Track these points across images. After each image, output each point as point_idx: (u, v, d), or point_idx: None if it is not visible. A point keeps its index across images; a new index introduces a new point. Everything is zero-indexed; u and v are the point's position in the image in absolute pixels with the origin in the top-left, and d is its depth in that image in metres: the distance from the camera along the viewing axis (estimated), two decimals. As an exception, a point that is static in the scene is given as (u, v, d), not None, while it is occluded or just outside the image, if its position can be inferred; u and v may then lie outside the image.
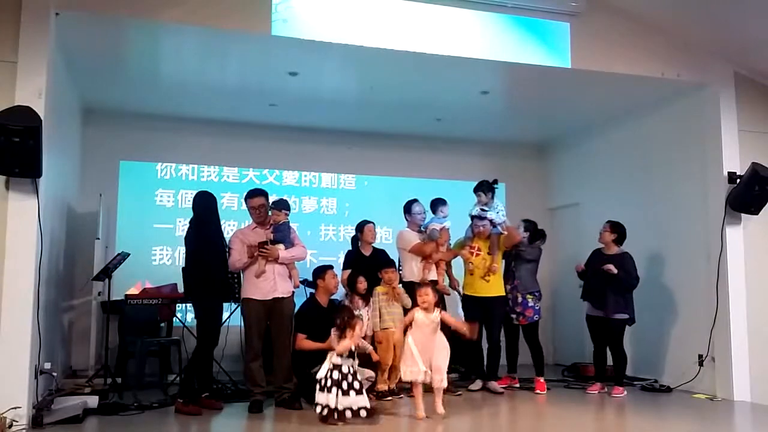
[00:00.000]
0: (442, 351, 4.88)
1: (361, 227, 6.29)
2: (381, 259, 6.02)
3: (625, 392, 6.10)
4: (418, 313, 4.94)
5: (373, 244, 6.28)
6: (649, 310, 6.98)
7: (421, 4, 5.60)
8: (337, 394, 4.52)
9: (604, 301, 6.13)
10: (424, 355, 4.82)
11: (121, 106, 7.22)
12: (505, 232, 6.20)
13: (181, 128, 7.61)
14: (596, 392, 6.19)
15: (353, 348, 4.73)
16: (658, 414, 5.46)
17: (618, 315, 6.13)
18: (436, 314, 4.93)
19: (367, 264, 6.01)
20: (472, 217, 6.20)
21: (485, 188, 6.18)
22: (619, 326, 6.16)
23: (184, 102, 7.13)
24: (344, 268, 6.16)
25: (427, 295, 4.93)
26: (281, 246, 5.35)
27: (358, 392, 4.57)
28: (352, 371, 4.63)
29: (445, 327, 5.18)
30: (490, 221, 6.14)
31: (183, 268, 5.52)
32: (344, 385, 4.55)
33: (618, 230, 6.30)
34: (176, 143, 7.64)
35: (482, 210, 6.16)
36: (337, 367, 4.61)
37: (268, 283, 5.28)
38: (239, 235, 5.43)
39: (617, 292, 6.12)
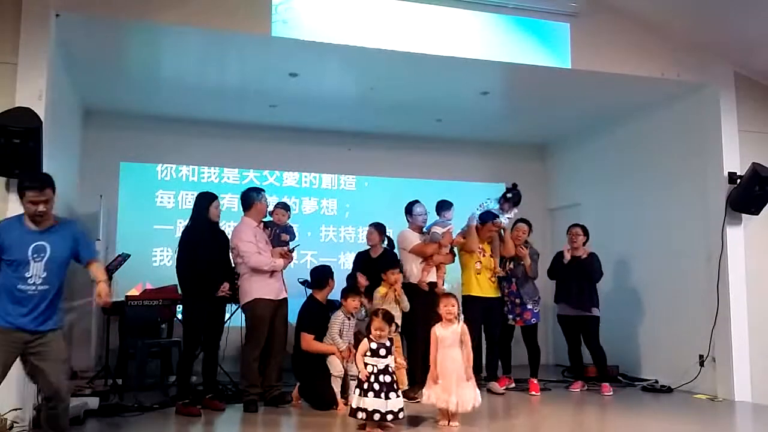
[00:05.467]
0: (461, 370, 4.59)
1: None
2: (386, 261, 6.00)
3: (611, 390, 6.18)
4: (438, 330, 4.68)
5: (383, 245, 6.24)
6: (649, 310, 6.99)
7: (422, 5, 5.60)
8: (359, 395, 4.36)
9: (581, 298, 6.24)
10: (450, 374, 4.57)
11: (121, 107, 7.22)
12: (504, 238, 6.31)
13: (181, 129, 7.61)
14: (578, 390, 6.31)
15: (382, 344, 4.43)
16: (659, 414, 5.45)
17: (594, 312, 6.28)
18: (457, 326, 4.69)
19: (373, 265, 5.98)
20: (487, 220, 6.22)
21: (518, 202, 6.39)
22: (595, 322, 6.30)
23: (184, 103, 7.13)
24: (353, 269, 6.20)
25: (453, 306, 4.69)
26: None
27: (377, 395, 4.31)
28: (375, 371, 4.37)
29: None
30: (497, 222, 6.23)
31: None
32: (365, 386, 4.36)
33: (587, 232, 6.50)
34: (176, 144, 7.64)
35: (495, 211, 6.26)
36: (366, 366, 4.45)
37: (279, 284, 5.39)
38: (254, 232, 5.39)
39: (591, 289, 6.29)
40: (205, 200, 5.32)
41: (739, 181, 6.11)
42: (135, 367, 6.20)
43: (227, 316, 6.11)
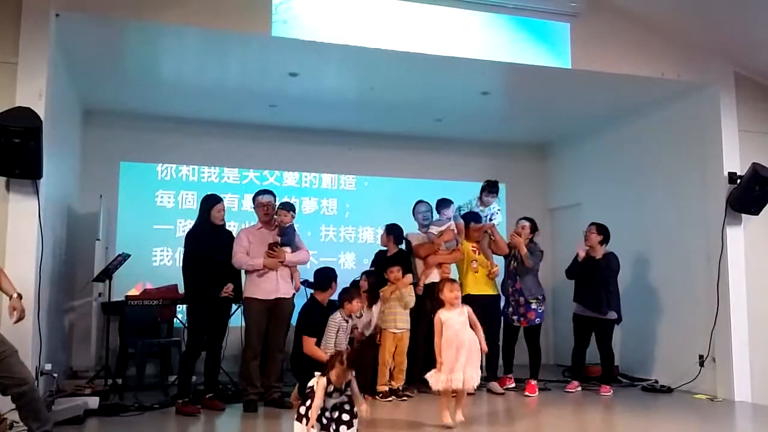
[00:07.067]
0: (472, 350, 4.56)
1: None
2: (392, 260, 5.98)
3: (612, 391, 6.17)
4: (443, 314, 4.64)
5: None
6: (649, 310, 6.99)
7: (421, 5, 5.60)
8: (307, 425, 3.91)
9: (595, 300, 6.19)
10: (459, 352, 4.50)
11: (121, 107, 7.22)
12: (494, 237, 6.33)
13: (181, 129, 7.61)
14: (574, 390, 6.29)
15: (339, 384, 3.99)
16: (658, 414, 5.46)
17: (610, 315, 6.23)
18: (463, 310, 4.66)
19: (387, 265, 5.95)
20: (468, 220, 6.24)
21: (496, 190, 6.31)
22: (610, 326, 6.26)
23: (184, 103, 7.13)
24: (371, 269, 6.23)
25: (456, 290, 4.70)
26: (287, 249, 5.44)
27: (324, 428, 3.89)
28: (329, 406, 3.97)
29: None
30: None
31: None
32: (323, 421, 3.93)
33: (604, 231, 6.36)
34: (177, 144, 7.64)
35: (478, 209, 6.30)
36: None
37: (271, 284, 5.34)
38: (247, 234, 5.44)
39: (607, 291, 6.22)
40: (207, 203, 5.37)
41: (739, 181, 6.11)
42: (135, 366, 6.20)
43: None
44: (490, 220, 6.39)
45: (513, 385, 6.29)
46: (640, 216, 7.16)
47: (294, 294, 5.53)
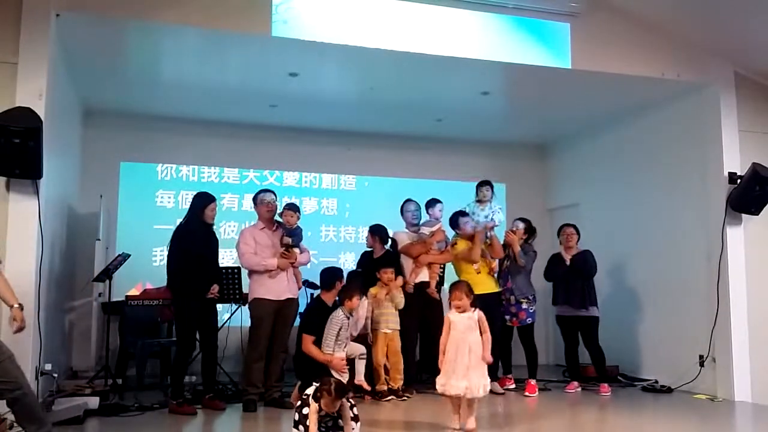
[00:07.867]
0: (475, 354, 4.43)
1: None
2: (383, 260, 6.00)
3: (611, 390, 6.19)
4: (452, 315, 4.54)
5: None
6: (649, 310, 7.00)
7: (421, 5, 5.60)
8: None
9: (579, 298, 6.23)
10: (463, 359, 4.39)
11: (121, 107, 7.23)
12: (490, 240, 6.29)
13: (181, 129, 7.62)
14: (573, 390, 6.30)
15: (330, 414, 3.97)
16: (658, 414, 5.45)
17: (593, 310, 6.27)
18: (473, 313, 4.53)
19: (374, 266, 5.96)
20: (455, 220, 6.24)
21: (489, 184, 6.34)
22: (594, 322, 6.29)
23: (184, 103, 7.13)
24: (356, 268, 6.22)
25: (461, 300, 4.50)
26: (297, 250, 5.46)
27: None
28: (324, 428, 3.96)
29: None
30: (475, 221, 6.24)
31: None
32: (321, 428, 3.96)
33: (579, 230, 6.50)
34: (176, 144, 7.64)
35: (471, 210, 6.29)
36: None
37: (282, 284, 5.34)
38: (252, 234, 5.42)
39: (588, 287, 6.26)
40: (201, 201, 5.31)
41: (739, 181, 6.11)
42: (135, 366, 6.21)
43: (227, 316, 6.12)
44: (492, 219, 6.36)
45: (513, 385, 6.29)
46: (640, 216, 7.16)
47: (298, 293, 5.55)
